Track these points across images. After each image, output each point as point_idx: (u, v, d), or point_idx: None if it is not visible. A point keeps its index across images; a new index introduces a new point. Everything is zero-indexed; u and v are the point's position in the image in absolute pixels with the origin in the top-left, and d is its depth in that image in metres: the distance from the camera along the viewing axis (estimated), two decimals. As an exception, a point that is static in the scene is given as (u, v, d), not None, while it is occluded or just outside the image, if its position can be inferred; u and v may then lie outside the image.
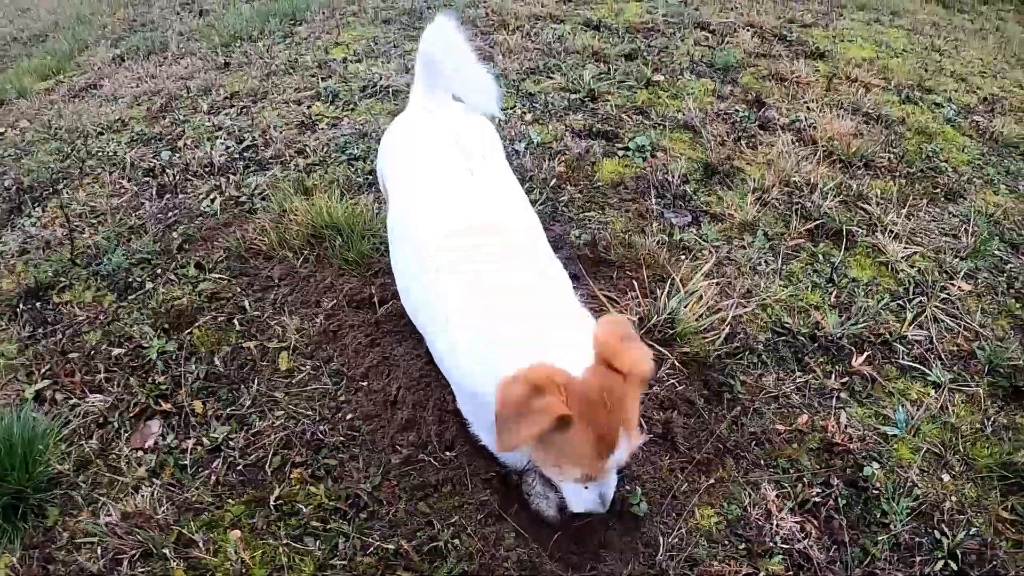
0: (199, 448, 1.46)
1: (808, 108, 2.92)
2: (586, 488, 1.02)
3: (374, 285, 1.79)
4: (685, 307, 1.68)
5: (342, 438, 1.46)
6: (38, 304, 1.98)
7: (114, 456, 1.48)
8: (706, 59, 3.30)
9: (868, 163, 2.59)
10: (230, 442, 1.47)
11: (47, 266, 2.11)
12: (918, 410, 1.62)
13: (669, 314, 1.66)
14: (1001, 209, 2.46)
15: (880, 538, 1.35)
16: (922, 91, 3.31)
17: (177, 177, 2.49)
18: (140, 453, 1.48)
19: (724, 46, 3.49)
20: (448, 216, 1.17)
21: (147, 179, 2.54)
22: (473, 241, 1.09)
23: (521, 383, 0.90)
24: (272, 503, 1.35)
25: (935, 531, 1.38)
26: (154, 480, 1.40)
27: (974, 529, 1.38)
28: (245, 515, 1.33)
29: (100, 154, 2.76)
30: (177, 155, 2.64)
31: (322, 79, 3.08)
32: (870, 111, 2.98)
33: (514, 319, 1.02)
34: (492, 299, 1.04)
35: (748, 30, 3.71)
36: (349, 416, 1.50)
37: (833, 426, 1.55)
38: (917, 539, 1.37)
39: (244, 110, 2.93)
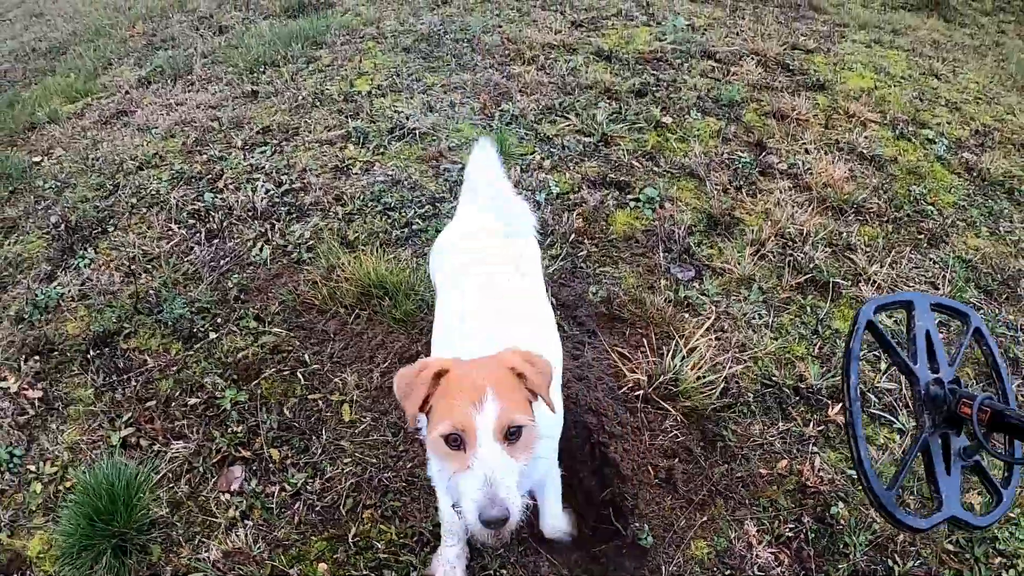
0: (283, 492, 1.75)
1: (806, 150, 3.12)
2: (469, 468, 1.02)
3: (420, 343, 2.06)
4: (687, 367, 1.95)
5: (403, 483, 1.75)
6: (107, 350, 2.20)
7: (203, 499, 1.75)
8: (712, 93, 3.47)
9: (859, 209, 2.81)
10: (307, 487, 1.76)
11: (110, 313, 2.31)
12: (883, 454, 1.91)
13: (673, 373, 1.93)
14: (980, 254, 2.69)
15: (841, 566, 1.66)
16: (916, 125, 3.49)
17: (223, 222, 2.70)
18: (228, 496, 1.76)
19: (729, 78, 3.64)
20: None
21: (193, 221, 2.74)
22: None
23: (411, 366, 1.15)
24: (350, 540, 1.64)
25: (888, 560, 1.69)
26: (246, 521, 1.70)
27: (921, 559, 1.69)
28: (328, 550, 1.63)
29: (143, 192, 2.95)
30: (219, 197, 2.84)
31: (350, 116, 3.25)
32: (864, 151, 3.18)
33: None
34: None
35: (753, 58, 3.85)
36: (408, 464, 1.79)
37: (808, 470, 1.85)
38: (873, 566, 1.68)
39: (278, 149, 3.11)
